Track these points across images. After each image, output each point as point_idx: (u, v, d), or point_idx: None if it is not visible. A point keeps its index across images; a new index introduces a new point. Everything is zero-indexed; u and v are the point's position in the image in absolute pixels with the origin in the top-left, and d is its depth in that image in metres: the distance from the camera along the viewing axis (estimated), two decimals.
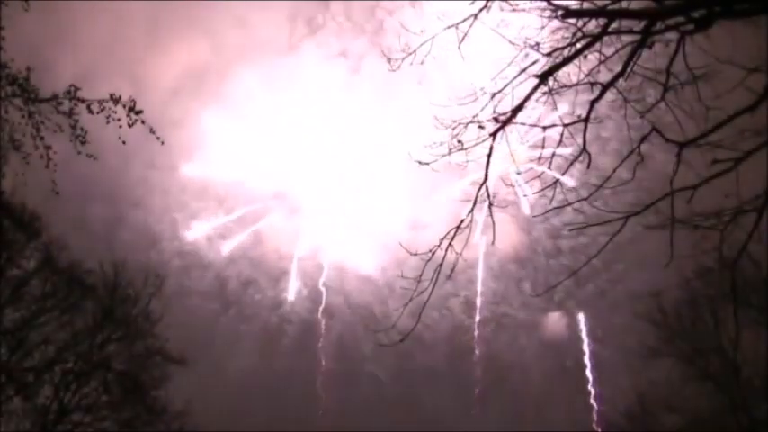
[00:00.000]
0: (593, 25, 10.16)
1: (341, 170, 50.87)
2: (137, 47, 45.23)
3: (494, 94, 10.42)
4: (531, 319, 48.00)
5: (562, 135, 10.62)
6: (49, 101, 12.88)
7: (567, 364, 46.09)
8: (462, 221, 10.55)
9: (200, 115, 48.97)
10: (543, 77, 10.26)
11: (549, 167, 10.55)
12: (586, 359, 46.32)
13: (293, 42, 50.81)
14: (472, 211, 10.55)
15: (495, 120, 10.30)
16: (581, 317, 47.55)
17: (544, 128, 10.64)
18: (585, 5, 10.25)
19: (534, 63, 10.37)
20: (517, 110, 10.30)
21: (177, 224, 49.61)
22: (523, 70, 10.36)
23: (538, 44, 10.40)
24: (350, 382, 47.21)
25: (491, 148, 10.44)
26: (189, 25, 46.83)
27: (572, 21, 10.24)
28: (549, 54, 10.27)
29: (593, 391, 45.44)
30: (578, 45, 10.19)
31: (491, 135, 10.36)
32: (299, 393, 46.47)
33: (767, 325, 25.80)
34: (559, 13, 10.14)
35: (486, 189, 10.58)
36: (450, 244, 10.42)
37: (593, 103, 10.32)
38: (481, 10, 10.33)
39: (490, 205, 10.64)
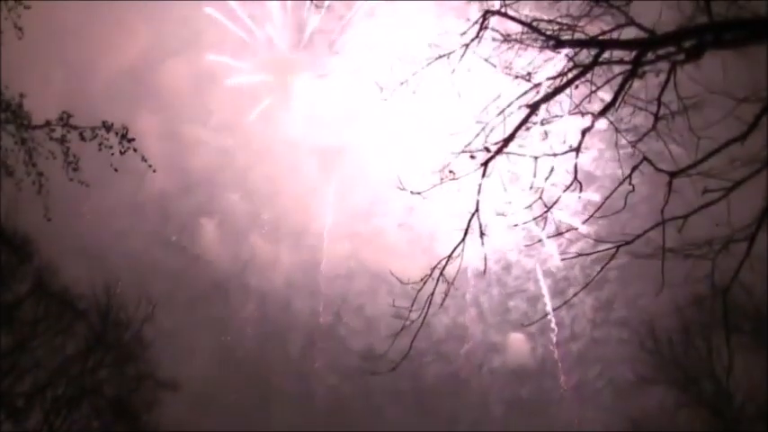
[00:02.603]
0: (584, 55, 10.23)
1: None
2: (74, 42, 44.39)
3: (485, 124, 10.46)
4: (515, 345, 47.45)
5: (553, 165, 10.63)
6: (41, 127, 12.89)
7: (553, 393, 45.46)
8: (454, 250, 10.54)
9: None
10: (534, 107, 10.31)
11: (541, 197, 10.53)
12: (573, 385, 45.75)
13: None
14: (464, 240, 10.54)
15: (486, 149, 10.33)
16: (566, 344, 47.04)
17: (536, 157, 10.65)
18: (577, 36, 10.33)
19: (526, 93, 10.41)
20: (508, 139, 10.34)
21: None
22: (515, 100, 10.41)
23: (529, 74, 10.46)
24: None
25: (482, 178, 10.46)
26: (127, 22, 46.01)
27: (564, 50, 10.32)
28: (540, 84, 10.33)
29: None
30: (570, 75, 10.25)
31: (482, 165, 10.39)
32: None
33: (766, 351, 25.79)
34: (551, 43, 10.21)
35: (478, 218, 10.59)
36: (441, 273, 10.40)
37: (584, 132, 10.35)
38: (473, 40, 10.39)
39: (482, 235, 10.63)
